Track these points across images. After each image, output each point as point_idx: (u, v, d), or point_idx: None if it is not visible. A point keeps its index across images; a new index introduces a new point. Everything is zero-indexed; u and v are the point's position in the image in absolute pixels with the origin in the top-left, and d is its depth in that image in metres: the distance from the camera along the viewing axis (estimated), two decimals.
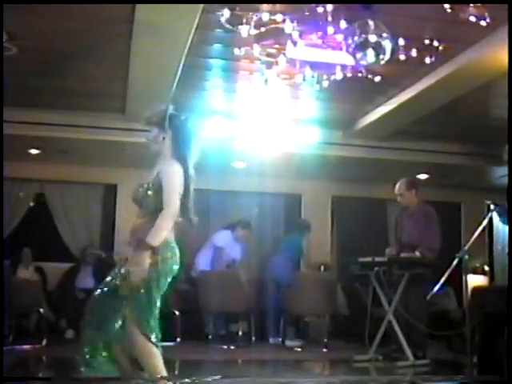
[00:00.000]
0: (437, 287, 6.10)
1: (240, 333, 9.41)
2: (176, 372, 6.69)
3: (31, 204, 11.28)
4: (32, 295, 8.92)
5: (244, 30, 5.95)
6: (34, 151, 10.11)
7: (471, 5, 5.56)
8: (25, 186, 11.20)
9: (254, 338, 9.53)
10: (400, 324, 7.44)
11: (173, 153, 4.38)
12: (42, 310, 8.99)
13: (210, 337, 9.41)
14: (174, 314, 9.33)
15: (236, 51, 6.70)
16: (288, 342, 9.31)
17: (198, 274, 9.85)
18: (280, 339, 9.50)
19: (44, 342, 8.49)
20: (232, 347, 8.90)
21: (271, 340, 9.62)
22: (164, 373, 4.19)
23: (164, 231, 4.17)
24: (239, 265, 10.05)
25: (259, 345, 9.35)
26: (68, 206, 11.26)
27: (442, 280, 6.06)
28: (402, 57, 6.36)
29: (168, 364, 4.33)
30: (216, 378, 5.15)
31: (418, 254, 7.55)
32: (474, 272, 9.36)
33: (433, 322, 7.73)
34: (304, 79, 7.03)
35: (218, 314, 9.67)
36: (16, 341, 8.53)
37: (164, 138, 4.41)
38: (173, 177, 4.25)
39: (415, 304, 7.43)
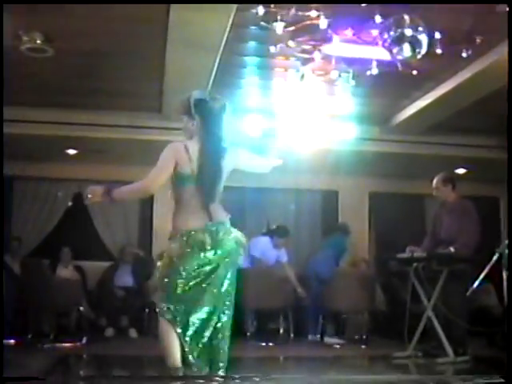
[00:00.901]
0: (477, 283, 6.04)
1: (281, 330, 9.42)
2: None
3: (69, 204, 11.36)
4: (72, 294, 9.01)
5: (279, 27, 5.95)
6: (71, 151, 10.21)
7: None
8: (63, 185, 11.30)
9: (292, 335, 9.51)
10: (439, 320, 7.38)
11: (199, 136, 4.40)
12: (81, 309, 9.08)
13: (248, 334, 9.41)
14: None
15: (271, 48, 6.70)
16: (327, 339, 9.28)
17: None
18: (319, 336, 9.47)
19: (84, 340, 8.55)
20: (270, 344, 8.90)
21: (310, 337, 9.58)
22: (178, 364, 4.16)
23: (127, 191, 4.49)
24: (287, 265, 9.95)
25: (298, 342, 9.33)
26: (106, 205, 11.28)
27: (482, 275, 5.99)
28: (439, 50, 6.30)
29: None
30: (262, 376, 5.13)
31: (452, 249, 7.46)
32: None
33: (473, 319, 7.65)
34: (340, 75, 7.00)
35: (257, 310, 9.66)
36: (57, 339, 8.62)
37: (193, 125, 4.41)
38: (165, 150, 4.39)
39: (455, 300, 7.36)
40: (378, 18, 5.78)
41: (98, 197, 4.41)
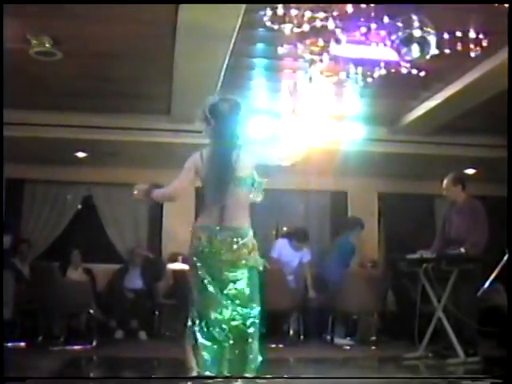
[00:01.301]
0: (487, 283, 6.02)
1: (291, 331, 9.41)
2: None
3: (79, 206, 11.42)
4: (82, 296, 9.01)
5: (287, 29, 5.94)
6: (81, 154, 10.24)
7: None
8: (72, 188, 11.34)
9: (302, 337, 9.50)
10: (450, 321, 7.36)
11: (211, 139, 4.50)
12: (91, 311, 9.07)
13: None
14: None
15: (279, 50, 6.69)
16: (337, 340, 9.27)
17: None
18: (329, 337, 9.46)
19: (94, 343, 8.56)
20: (280, 345, 8.89)
21: (320, 338, 9.57)
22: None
23: (160, 195, 4.69)
24: (309, 266, 9.97)
25: (308, 343, 9.32)
26: (115, 207, 11.36)
27: (493, 276, 5.97)
28: (447, 51, 6.29)
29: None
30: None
31: (462, 250, 7.45)
32: None
33: (484, 319, 7.63)
34: (348, 76, 7.00)
35: (267, 311, 9.64)
36: (67, 341, 8.64)
37: (209, 130, 4.51)
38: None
39: (465, 300, 7.34)
40: (386, 19, 5.77)
41: (142, 195, 4.57)
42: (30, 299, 8.85)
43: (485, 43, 6.35)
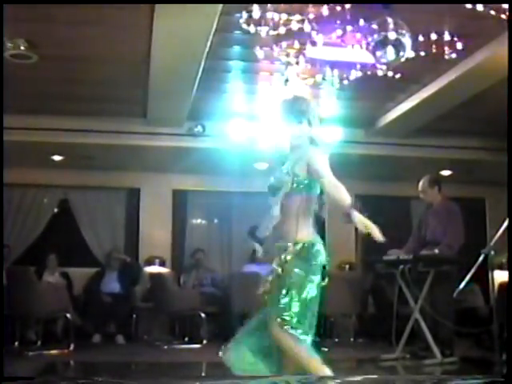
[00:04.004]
0: (463, 284, 6.05)
1: None
2: (203, 374, 6.72)
3: (55, 210, 11.35)
4: (58, 300, 8.95)
5: (263, 31, 5.95)
6: (56, 157, 10.18)
7: None
8: (49, 192, 11.28)
9: None
10: (427, 322, 7.40)
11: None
12: (68, 315, 9.01)
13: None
14: (200, 315, 9.36)
15: (255, 52, 6.70)
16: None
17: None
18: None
19: (71, 347, 8.51)
20: None
21: None
22: None
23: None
24: None
25: None
26: (92, 211, 11.31)
27: (468, 277, 6.00)
28: (422, 53, 6.33)
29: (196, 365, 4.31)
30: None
31: (436, 251, 7.49)
32: (501, 268, 9.26)
33: (460, 320, 7.67)
34: (324, 78, 7.02)
35: (244, 314, 9.66)
36: (44, 346, 8.59)
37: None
38: None
39: (442, 301, 7.38)
40: (361, 22, 5.80)
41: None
42: (6, 304, 8.78)
43: (459, 46, 6.40)
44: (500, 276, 8.22)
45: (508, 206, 5.54)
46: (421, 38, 6.14)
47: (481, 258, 5.86)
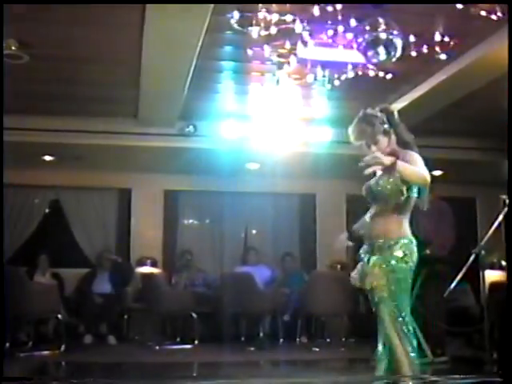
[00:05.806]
0: (454, 283, 6.06)
1: (261, 334, 9.42)
2: (194, 374, 6.72)
3: (46, 211, 11.32)
4: (50, 301, 8.93)
5: (254, 31, 5.95)
6: (48, 158, 10.15)
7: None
8: (40, 192, 11.25)
9: (273, 339, 9.51)
10: (418, 321, 7.39)
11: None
12: (60, 316, 8.99)
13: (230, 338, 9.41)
14: (192, 316, 9.36)
15: (247, 53, 6.70)
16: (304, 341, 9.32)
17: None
18: (298, 339, 9.48)
19: (63, 348, 8.49)
20: (251, 348, 8.89)
21: (289, 340, 9.59)
22: None
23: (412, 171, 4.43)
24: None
25: (278, 346, 9.33)
26: (83, 211, 11.28)
27: (459, 276, 6.02)
28: (414, 53, 6.34)
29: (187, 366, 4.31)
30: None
31: (427, 251, 7.49)
32: (492, 267, 9.30)
33: (451, 319, 7.68)
34: (315, 79, 7.02)
35: (236, 315, 9.68)
36: (35, 347, 8.56)
37: None
38: None
39: (433, 301, 7.39)
40: (352, 22, 5.80)
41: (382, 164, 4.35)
42: None
43: (451, 46, 6.41)
44: (491, 275, 8.26)
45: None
46: (412, 39, 6.15)
47: (472, 258, 5.88)
